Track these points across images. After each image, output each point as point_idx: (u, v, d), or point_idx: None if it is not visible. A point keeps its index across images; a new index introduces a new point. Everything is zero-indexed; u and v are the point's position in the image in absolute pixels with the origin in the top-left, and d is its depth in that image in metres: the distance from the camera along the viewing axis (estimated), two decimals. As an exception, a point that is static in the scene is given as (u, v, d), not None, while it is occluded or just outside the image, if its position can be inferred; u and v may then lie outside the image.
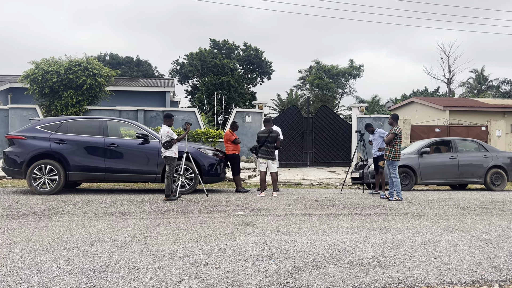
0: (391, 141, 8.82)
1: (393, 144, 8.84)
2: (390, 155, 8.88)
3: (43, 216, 6.26)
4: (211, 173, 9.58)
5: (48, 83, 15.04)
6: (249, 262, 3.89)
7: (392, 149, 8.85)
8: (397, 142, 8.84)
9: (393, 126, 9.04)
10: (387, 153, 8.95)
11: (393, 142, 8.83)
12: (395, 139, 8.82)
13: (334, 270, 3.68)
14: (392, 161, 8.90)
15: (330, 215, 6.58)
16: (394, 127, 8.98)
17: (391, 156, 8.86)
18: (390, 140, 8.82)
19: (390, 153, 8.88)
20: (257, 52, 39.18)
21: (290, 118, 17.78)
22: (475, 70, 42.13)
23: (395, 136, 8.80)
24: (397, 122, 9.10)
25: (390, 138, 8.82)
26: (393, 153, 8.85)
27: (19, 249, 4.28)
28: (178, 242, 4.65)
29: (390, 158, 8.88)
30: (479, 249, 4.48)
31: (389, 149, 8.89)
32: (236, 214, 6.58)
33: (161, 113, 16.39)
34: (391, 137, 8.83)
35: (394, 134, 8.81)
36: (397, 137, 8.82)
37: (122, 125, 10.13)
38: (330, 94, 39.50)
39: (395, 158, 8.87)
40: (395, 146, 8.83)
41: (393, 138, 8.80)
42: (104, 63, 32.44)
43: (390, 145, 8.87)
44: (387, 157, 8.95)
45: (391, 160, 8.90)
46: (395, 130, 8.86)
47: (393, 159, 8.87)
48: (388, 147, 8.91)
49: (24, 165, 8.88)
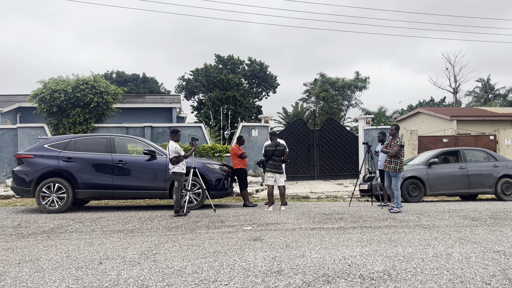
0: (397, 152, 8.70)
1: (398, 156, 8.71)
2: (396, 167, 8.72)
3: (52, 235, 6.27)
4: (218, 188, 9.57)
5: (56, 102, 15.22)
6: (258, 278, 3.85)
7: (398, 161, 8.71)
8: (402, 153, 8.74)
9: (395, 137, 8.90)
10: (392, 165, 8.76)
11: (398, 154, 8.70)
12: (400, 151, 8.71)
13: (345, 284, 3.63)
14: (398, 173, 8.77)
15: (339, 229, 6.52)
16: (396, 138, 8.84)
17: (398, 168, 8.71)
18: (397, 152, 8.69)
19: (396, 165, 8.71)
20: (262, 66, 39.43)
21: (296, 131, 17.77)
22: (481, 79, 41.96)
23: (401, 147, 8.71)
24: (398, 133, 8.99)
25: (396, 150, 8.67)
26: (399, 165, 8.71)
27: (28, 269, 4.28)
28: (186, 258, 4.62)
29: (397, 170, 8.72)
30: (492, 260, 4.40)
31: (395, 161, 8.72)
32: (244, 229, 6.54)
33: (168, 129, 16.47)
34: (397, 149, 8.68)
35: (400, 146, 8.69)
36: (403, 148, 8.73)
37: (129, 141, 10.19)
38: (336, 107, 39.51)
39: (401, 170, 8.76)
40: (401, 158, 8.72)
41: (399, 149, 8.70)
42: (110, 80, 32.81)
43: (396, 157, 8.71)
44: (393, 169, 8.76)
45: (398, 172, 8.76)
46: (400, 141, 8.74)
47: (399, 171, 8.75)
48: (394, 159, 8.73)
49: (33, 183, 8.93)
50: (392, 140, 8.93)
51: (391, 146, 8.87)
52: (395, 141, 8.82)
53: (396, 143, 8.78)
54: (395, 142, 8.80)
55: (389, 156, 8.80)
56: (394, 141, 8.84)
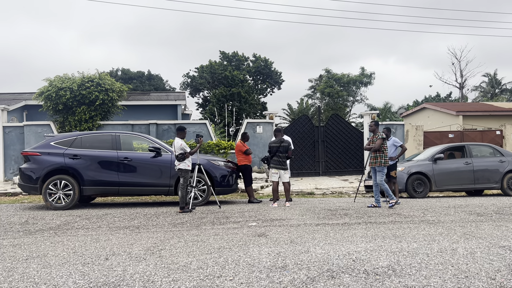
0: (380, 146, 8.54)
1: (382, 150, 8.57)
2: (381, 161, 8.54)
3: (59, 231, 6.33)
4: (223, 184, 9.60)
5: (62, 100, 15.31)
6: (263, 273, 3.87)
7: (382, 155, 8.56)
8: (385, 147, 8.62)
9: (375, 132, 8.76)
10: (378, 160, 8.58)
11: (381, 147, 8.57)
12: (383, 144, 8.58)
13: (349, 280, 3.65)
14: (384, 167, 8.59)
15: (344, 224, 6.53)
16: (377, 133, 8.70)
17: (383, 162, 8.54)
18: (379, 145, 8.53)
19: (381, 159, 8.54)
20: (267, 62, 39.37)
21: (301, 128, 17.75)
22: (488, 74, 41.62)
23: (383, 140, 8.56)
24: (378, 129, 8.87)
25: (379, 143, 8.52)
26: (384, 159, 8.55)
27: (35, 264, 4.33)
28: (192, 254, 4.65)
29: (382, 164, 8.55)
30: (498, 256, 4.40)
31: (380, 155, 8.56)
32: (249, 225, 6.56)
33: (173, 126, 16.52)
34: (379, 142, 8.52)
35: (382, 138, 8.52)
36: (385, 141, 8.61)
37: (135, 139, 10.24)
38: (341, 102, 39.42)
39: (386, 164, 8.60)
40: (385, 151, 8.59)
41: (382, 143, 8.54)
42: (116, 78, 32.96)
43: (380, 151, 8.55)
44: (378, 163, 8.58)
45: (383, 166, 8.57)
46: (380, 135, 8.60)
47: (384, 165, 8.58)
48: (378, 153, 8.57)
49: (40, 181, 9.00)
50: (373, 136, 8.80)
51: (373, 142, 8.74)
52: (376, 136, 8.69)
53: (377, 137, 8.68)
54: (377, 137, 8.68)
55: (373, 152, 8.65)
56: (376, 136, 8.71)
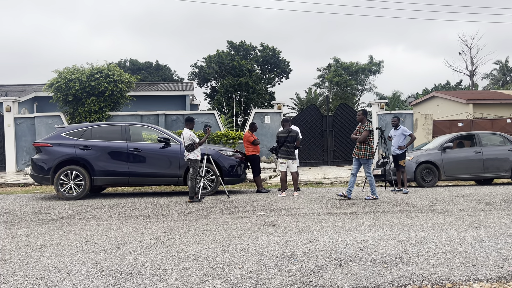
0: (366, 138, 8.34)
1: (368, 142, 8.38)
2: (366, 153, 8.36)
3: (71, 221, 6.45)
4: (231, 174, 9.66)
5: (71, 91, 15.43)
6: (271, 262, 3.93)
7: (368, 147, 8.36)
8: (371, 139, 8.40)
9: (363, 122, 8.53)
10: (362, 152, 8.39)
11: (367, 139, 8.37)
12: (369, 136, 8.37)
13: (357, 268, 3.69)
14: (369, 160, 8.43)
15: (352, 214, 6.56)
16: (364, 123, 8.49)
17: (368, 154, 8.36)
18: (365, 138, 8.32)
19: (366, 152, 8.35)
20: (275, 52, 39.17)
21: (309, 117, 17.72)
22: (499, 61, 41.00)
23: (370, 132, 8.36)
24: (366, 118, 8.66)
25: (365, 136, 8.31)
26: (369, 151, 8.36)
27: (49, 253, 4.43)
28: (201, 243, 4.72)
29: (367, 156, 8.37)
30: (506, 244, 4.40)
31: (365, 147, 8.36)
32: (258, 215, 6.62)
33: (182, 116, 16.59)
34: (365, 134, 8.31)
35: (368, 131, 8.33)
36: (371, 133, 8.40)
37: (144, 129, 10.32)
38: (349, 92, 39.18)
39: (371, 156, 8.42)
40: (370, 143, 8.39)
41: (368, 135, 8.34)
42: (124, 69, 33.02)
43: (365, 143, 8.36)
44: (362, 156, 8.39)
45: (368, 159, 8.40)
46: (368, 126, 8.39)
47: (369, 158, 8.40)
48: (363, 145, 8.37)
49: (51, 171, 9.14)
50: (360, 126, 8.56)
51: (360, 132, 8.50)
52: (363, 126, 8.46)
53: (364, 128, 8.43)
54: (363, 128, 8.45)
55: (358, 143, 8.46)
56: (362, 127, 8.48)
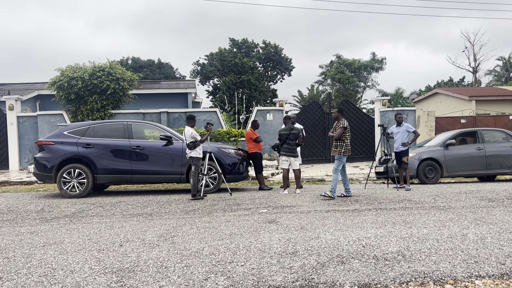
0: (341, 135, 8.38)
1: (343, 139, 8.41)
2: (341, 150, 8.40)
3: (74, 219, 6.48)
4: (234, 172, 9.67)
5: (74, 89, 15.45)
6: (273, 259, 3.94)
7: (343, 144, 8.40)
8: (347, 136, 8.44)
9: (339, 119, 8.55)
10: (338, 149, 8.44)
11: (343, 137, 8.40)
12: (344, 134, 8.40)
13: (359, 265, 3.69)
14: (343, 156, 8.45)
15: (354, 211, 6.57)
16: (340, 121, 8.52)
17: (342, 151, 8.40)
18: (340, 135, 8.37)
19: (341, 148, 8.40)
20: (277, 49, 39.12)
21: (311, 114, 17.71)
22: (502, 57, 40.82)
23: (345, 129, 8.40)
24: (342, 116, 8.64)
25: (340, 133, 8.36)
26: (344, 148, 8.41)
27: (52, 251, 4.46)
28: (204, 240, 4.74)
29: (341, 153, 8.40)
30: (508, 241, 4.40)
31: (340, 144, 8.40)
32: (260, 212, 6.64)
33: (184, 114, 16.61)
34: (340, 131, 8.36)
35: (343, 128, 8.37)
36: (346, 130, 8.43)
37: (146, 127, 10.34)
38: (352, 89, 39.13)
39: (346, 153, 8.44)
40: (346, 140, 8.42)
41: (343, 132, 8.38)
42: (126, 67, 33.06)
43: (341, 140, 8.40)
44: (338, 152, 8.43)
45: (342, 155, 8.43)
46: (343, 124, 8.43)
47: (343, 154, 8.43)
48: (339, 142, 8.42)
49: (54, 169, 9.17)
50: (336, 124, 8.60)
51: (335, 130, 8.55)
52: (339, 124, 8.51)
53: (339, 125, 8.48)
54: (339, 125, 8.50)
55: (335, 141, 8.51)
56: (338, 124, 8.53)
